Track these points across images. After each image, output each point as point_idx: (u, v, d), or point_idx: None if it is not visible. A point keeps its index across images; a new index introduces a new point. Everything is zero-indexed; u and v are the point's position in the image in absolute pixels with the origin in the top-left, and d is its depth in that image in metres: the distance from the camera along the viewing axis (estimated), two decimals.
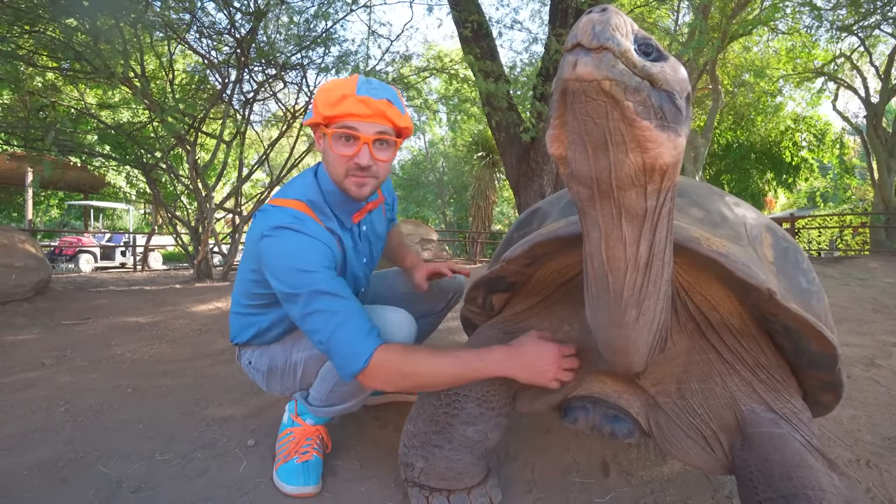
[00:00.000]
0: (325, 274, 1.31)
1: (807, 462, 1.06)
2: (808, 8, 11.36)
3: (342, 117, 1.33)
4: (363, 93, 1.33)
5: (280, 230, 1.35)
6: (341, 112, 1.32)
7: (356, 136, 1.34)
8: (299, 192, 1.47)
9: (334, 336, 1.25)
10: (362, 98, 1.32)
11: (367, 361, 1.23)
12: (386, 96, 1.36)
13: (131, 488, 1.52)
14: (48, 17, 5.31)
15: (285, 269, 1.31)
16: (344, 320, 1.26)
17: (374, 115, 1.34)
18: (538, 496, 1.53)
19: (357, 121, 1.34)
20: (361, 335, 1.25)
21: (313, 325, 1.27)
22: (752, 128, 18.11)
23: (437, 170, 25.41)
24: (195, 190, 6.91)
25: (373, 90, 1.35)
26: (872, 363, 2.75)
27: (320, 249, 1.35)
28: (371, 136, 1.35)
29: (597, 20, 0.69)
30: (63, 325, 3.83)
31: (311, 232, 1.37)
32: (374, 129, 1.36)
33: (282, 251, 1.33)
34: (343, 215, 1.52)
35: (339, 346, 1.25)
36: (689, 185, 1.42)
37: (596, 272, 0.92)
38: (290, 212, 1.40)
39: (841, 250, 15.06)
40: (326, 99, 1.34)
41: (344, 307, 1.27)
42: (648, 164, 0.75)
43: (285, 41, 6.88)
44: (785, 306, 1.08)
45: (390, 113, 1.36)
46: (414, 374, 1.27)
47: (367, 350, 1.24)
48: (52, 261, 11.92)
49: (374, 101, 1.33)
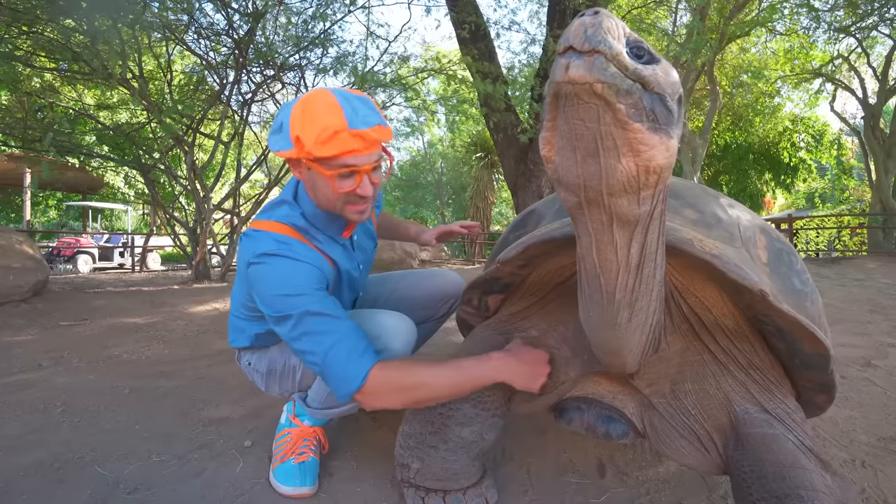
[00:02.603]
0: (314, 295, 1.28)
1: (800, 462, 1.07)
2: (806, 9, 11.41)
3: (340, 156, 1.25)
4: (356, 126, 1.24)
5: (265, 257, 1.31)
6: (338, 151, 1.24)
7: (357, 170, 1.29)
8: (282, 216, 1.42)
9: (328, 357, 1.22)
10: (357, 133, 1.24)
11: (363, 380, 1.20)
12: (375, 121, 1.28)
13: (128, 489, 1.52)
14: (46, 18, 5.31)
15: (273, 296, 1.28)
16: (337, 341, 1.22)
17: (370, 146, 1.28)
18: (534, 497, 1.53)
19: (356, 156, 1.27)
20: (356, 355, 1.22)
21: (306, 346, 1.24)
22: (751, 129, 18.15)
23: (436, 170, 25.40)
24: (193, 191, 6.90)
25: (363, 119, 1.25)
26: (869, 364, 2.76)
27: (308, 272, 1.32)
28: (370, 167, 1.31)
29: (589, 23, 0.69)
30: (61, 325, 3.82)
31: (298, 255, 1.33)
32: (372, 160, 1.31)
33: (268, 278, 1.30)
34: (333, 233, 1.50)
35: (333, 368, 1.22)
36: (683, 186, 1.43)
37: (588, 274, 0.93)
38: (275, 236, 1.36)
39: (839, 251, 15.09)
40: (314, 136, 1.22)
41: (336, 327, 1.24)
42: (642, 167, 0.75)
43: (283, 42, 6.88)
44: (777, 307, 1.08)
45: (382, 136, 1.30)
46: (414, 388, 1.24)
47: (362, 369, 1.21)
48: (50, 262, 11.90)
49: (369, 133, 1.25)
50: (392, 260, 8.54)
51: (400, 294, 1.87)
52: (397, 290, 1.89)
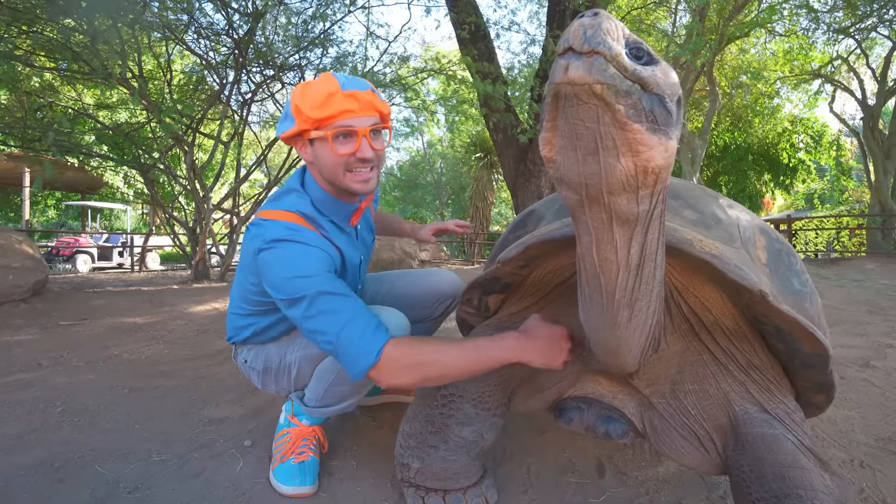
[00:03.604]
0: (325, 276, 1.30)
1: (799, 462, 1.07)
2: (805, 10, 11.43)
3: (336, 116, 1.32)
4: (349, 87, 1.32)
5: (276, 243, 1.33)
6: (334, 111, 1.31)
7: (354, 131, 1.34)
8: (290, 205, 1.44)
9: (342, 334, 1.22)
10: (350, 93, 1.32)
11: (378, 356, 1.21)
12: (368, 87, 1.38)
13: (128, 488, 1.52)
14: (46, 18, 5.31)
15: (285, 280, 1.29)
16: (350, 318, 1.24)
17: (365, 108, 1.35)
18: (534, 496, 1.54)
19: (351, 117, 1.34)
20: (370, 331, 1.23)
21: (319, 325, 1.25)
22: (750, 129, 18.14)
23: (436, 171, 25.42)
24: (193, 190, 6.90)
25: (355, 83, 1.35)
26: (867, 364, 2.77)
27: (319, 255, 1.34)
28: (367, 129, 1.36)
29: (588, 24, 0.69)
30: (60, 325, 3.82)
31: (307, 240, 1.35)
32: (369, 122, 1.37)
33: (280, 263, 1.31)
34: (340, 221, 1.52)
35: (348, 344, 1.22)
36: (683, 187, 1.43)
37: (588, 274, 0.93)
38: (284, 224, 1.38)
39: (837, 252, 15.11)
40: (311, 102, 1.32)
41: (348, 305, 1.26)
42: (640, 167, 0.76)
43: (283, 42, 6.88)
44: (777, 308, 1.08)
45: (377, 103, 1.38)
46: (429, 364, 1.24)
47: (377, 344, 1.22)
48: (49, 261, 11.88)
49: (362, 94, 1.34)
50: (391, 260, 8.53)
51: (397, 293, 1.87)
52: (394, 289, 1.89)
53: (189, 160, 6.65)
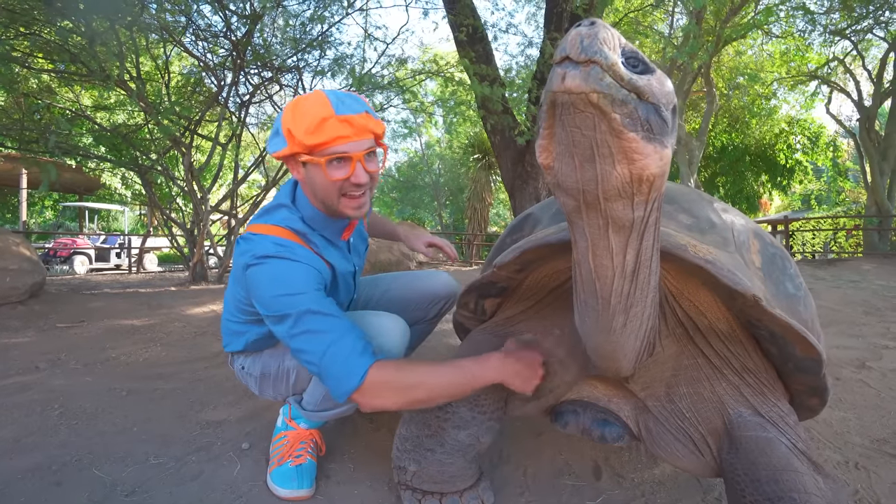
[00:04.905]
0: (313, 295, 1.28)
1: (793, 465, 1.08)
2: (802, 12, 11.48)
3: (330, 143, 1.29)
4: (343, 112, 1.28)
5: (264, 259, 1.32)
6: (327, 138, 1.28)
7: (349, 157, 1.31)
8: (280, 220, 1.43)
9: (326, 356, 1.21)
10: (344, 118, 1.28)
11: (361, 380, 1.19)
12: (362, 109, 1.33)
13: (125, 491, 1.52)
14: (43, 19, 5.30)
15: (272, 297, 1.28)
16: (335, 339, 1.22)
17: (359, 133, 1.31)
18: (530, 499, 1.54)
19: (346, 142, 1.30)
20: (355, 354, 1.21)
21: (303, 345, 1.24)
22: (747, 130, 18.20)
23: (434, 172, 25.44)
24: (191, 192, 6.89)
25: (349, 107, 1.31)
26: (863, 365, 2.78)
27: (307, 272, 1.32)
28: (362, 153, 1.33)
29: (585, 34, 0.70)
30: (57, 327, 3.81)
31: (296, 257, 1.34)
32: (364, 146, 1.33)
33: (267, 280, 1.30)
34: (332, 236, 1.51)
35: (331, 366, 1.21)
36: (677, 191, 1.44)
37: (584, 279, 0.94)
38: (274, 239, 1.37)
39: (834, 252, 15.16)
40: (304, 126, 1.27)
41: (335, 325, 1.24)
42: (635, 175, 0.77)
43: (281, 44, 6.89)
44: (770, 312, 1.09)
45: (371, 125, 1.33)
46: (413, 388, 1.23)
47: (360, 368, 1.20)
48: (46, 263, 11.85)
49: (357, 118, 1.30)
50: (390, 261, 8.53)
51: (392, 295, 1.88)
52: (389, 292, 1.90)
53: (187, 161, 6.65)
